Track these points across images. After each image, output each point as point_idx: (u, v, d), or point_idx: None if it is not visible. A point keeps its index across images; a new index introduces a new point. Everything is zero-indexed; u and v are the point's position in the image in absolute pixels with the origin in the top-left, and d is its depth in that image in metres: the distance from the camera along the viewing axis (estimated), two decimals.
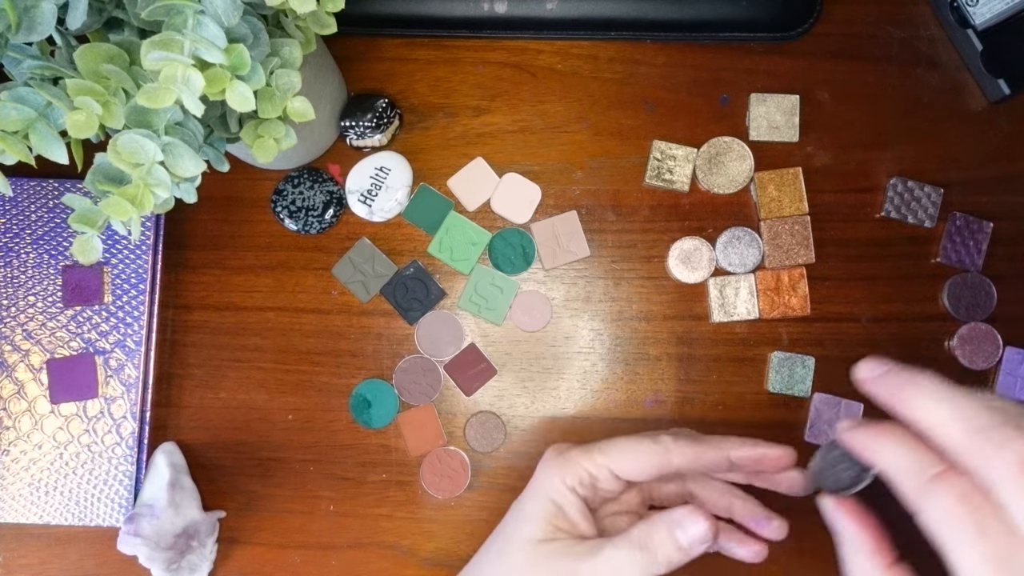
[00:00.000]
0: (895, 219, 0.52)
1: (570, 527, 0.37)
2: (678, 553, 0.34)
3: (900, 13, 0.53)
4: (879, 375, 0.31)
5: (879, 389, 0.31)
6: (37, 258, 0.51)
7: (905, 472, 0.29)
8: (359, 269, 0.52)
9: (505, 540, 0.38)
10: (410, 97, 0.53)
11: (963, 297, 0.51)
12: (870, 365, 0.32)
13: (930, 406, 0.29)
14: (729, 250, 0.51)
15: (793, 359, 0.51)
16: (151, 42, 0.30)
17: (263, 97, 0.36)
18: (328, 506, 0.52)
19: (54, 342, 0.51)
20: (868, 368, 0.32)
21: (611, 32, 0.52)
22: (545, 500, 0.37)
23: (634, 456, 0.37)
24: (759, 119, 0.52)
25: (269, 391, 0.52)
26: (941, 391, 0.29)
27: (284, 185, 0.52)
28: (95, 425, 0.50)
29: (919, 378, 0.30)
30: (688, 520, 0.34)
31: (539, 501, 0.38)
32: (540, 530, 0.37)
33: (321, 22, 0.38)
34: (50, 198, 0.51)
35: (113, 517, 0.50)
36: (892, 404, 0.30)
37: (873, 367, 0.32)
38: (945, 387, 0.29)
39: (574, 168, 0.52)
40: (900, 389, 0.30)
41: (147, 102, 0.30)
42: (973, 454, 0.27)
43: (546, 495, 0.37)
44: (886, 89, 0.52)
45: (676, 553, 0.34)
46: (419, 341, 0.52)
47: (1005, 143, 0.52)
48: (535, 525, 0.37)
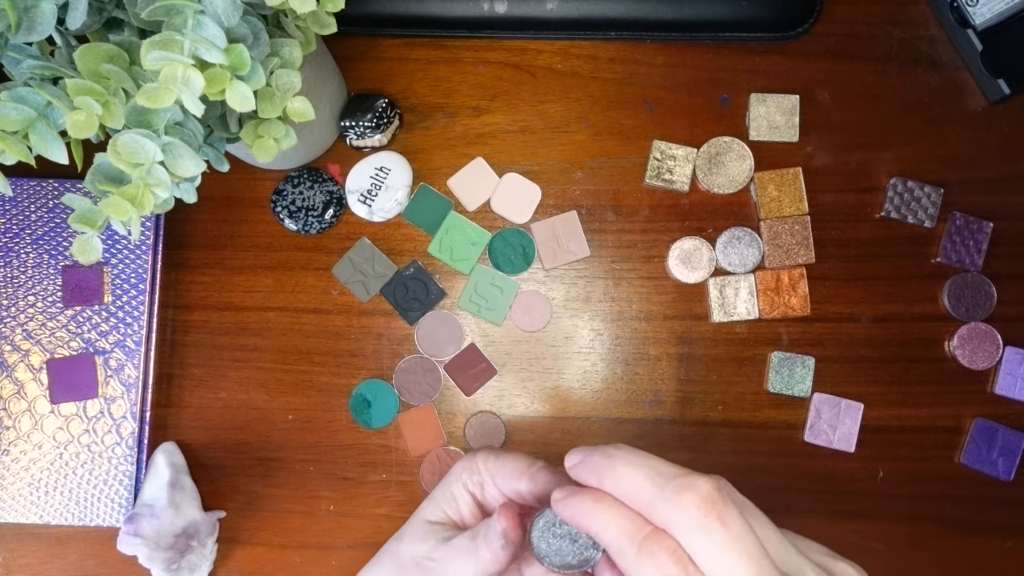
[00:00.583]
0: (895, 219, 0.52)
1: (458, 517, 0.39)
2: (487, 551, 0.35)
3: (900, 13, 0.53)
4: (578, 462, 0.31)
5: (583, 475, 0.31)
6: (37, 258, 0.51)
7: (618, 538, 0.29)
8: (359, 269, 0.52)
9: (414, 515, 0.41)
10: (410, 97, 0.53)
11: (963, 297, 0.51)
12: (570, 457, 0.32)
13: (623, 472, 0.29)
14: (729, 250, 0.52)
15: (793, 359, 0.51)
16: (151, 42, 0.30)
17: (263, 97, 0.36)
18: (328, 506, 0.52)
19: (54, 342, 0.51)
20: (569, 460, 0.32)
21: (611, 32, 0.52)
22: (446, 488, 0.39)
23: (509, 472, 0.37)
24: (759, 119, 0.52)
25: (269, 391, 0.52)
26: (631, 456, 0.30)
27: (284, 185, 0.52)
28: (95, 425, 0.50)
29: (611, 450, 0.30)
30: (497, 517, 0.34)
31: (442, 487, 0.40)
32: (433, 512, 0.39)
33: (321, 22, 0.38)
34: (50, 198, 0.51)
35: (113, 517, 0.50)
36: (599, 485, 0.30)
37: (571, 457, 0.32)
38: (636, 453, 0.30)
39: (574, 168, 0.52)
40: (598, 468, 0.30)
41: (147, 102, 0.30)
42: (662, 506, 0.28)
43: (448, 483, 0.39)
44: (886, 89, 0.52)
45: (486, 550, 0.35)
46: (419, 341, 0.52)
47: (1005, 143, 0.52)
48: (431, 507, 0.39)
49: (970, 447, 0.51)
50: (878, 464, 0.51)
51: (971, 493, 0.51)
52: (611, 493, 0.30)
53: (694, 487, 0.27)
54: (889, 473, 0.51)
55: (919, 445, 0.51)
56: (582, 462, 0.31)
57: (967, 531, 0.51)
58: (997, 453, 0.51)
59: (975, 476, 0.51)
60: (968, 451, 0.51)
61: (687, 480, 0.28)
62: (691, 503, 0.27)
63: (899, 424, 0.51)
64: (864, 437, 0.51)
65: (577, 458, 0.32)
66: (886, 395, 0.51)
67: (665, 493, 0.28)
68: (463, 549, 0.36)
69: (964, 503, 0.51)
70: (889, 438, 0.51)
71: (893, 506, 0.51)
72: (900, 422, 0.51)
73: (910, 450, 0.51)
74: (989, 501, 0.51)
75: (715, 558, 0.27)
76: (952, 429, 0.51)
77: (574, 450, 0.32)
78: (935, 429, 0.51)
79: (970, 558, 0.51)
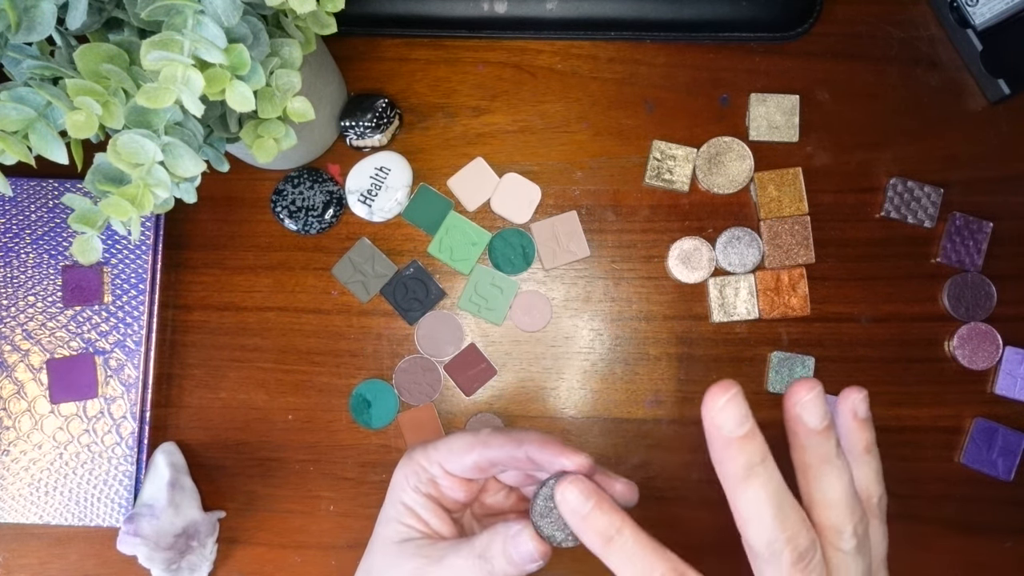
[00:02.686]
0: (895, 219, 0.52)
1: (423, 526, 0.36)
2: (511, 567, 0.33)
3: (900, 13, 0.53)
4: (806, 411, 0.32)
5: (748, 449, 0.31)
6: (37, 258, 0.51)
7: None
8: (359, 269, 0.52)
9: (372, 541, 0.38)
10: (410, 97, 0.53)
11: (963, 297, 0.51)
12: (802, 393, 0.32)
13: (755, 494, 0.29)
14: (729, 250, 0.51)
15: (793, 359, 0.51)
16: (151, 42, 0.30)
17: (263, 97, 0.36)
18: (328, 506, 0.52)
19: (54, 342, 0.51)
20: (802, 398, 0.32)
21: (611, 32, 0.52)
22: (396, 502, 0.37)
23: (456, 451, 0.36)
24: (759, 119, 0.52)
25: (269, 391, 0.52)
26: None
27: (284, 185, 0.52)
28: (95, 425, 0.50)
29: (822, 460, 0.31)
30: (520, 537, 0.33)
31: (391, 503, 0.37)
32: (395, 531, 0.36)
33: (321, 22, 0.38)
34: (50, 198, 0.51)
35: (113, 517, 0.50)
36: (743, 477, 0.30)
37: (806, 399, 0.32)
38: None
39: (574, 168, 0.52)
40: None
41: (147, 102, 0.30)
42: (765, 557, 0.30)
43: (396, 497, 0.37)
44: (886, 89, 0.52)
45: (510, 567, 0.33)
46: (419, 341, 0.52)
47: (1005, 143, 0.52)
48: (391, 527, 0.37)
49: (970, 447, 0.51)
50: None
51: (971, 493, 0.51)
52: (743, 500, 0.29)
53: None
54: (889, 473, 0.51)
55: (919, 445, 0.51)
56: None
57: (967, 531, 0.51)
58: (997, 453, 0.51)
59: (975, 476, 0.51)
60: (968, 451, 0.51)
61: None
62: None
63: (899, 424, 0.51)
64: None
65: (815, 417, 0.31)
66: (886, 395, 0.51)
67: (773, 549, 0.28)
68: (467, 568, 0.34)
69: (964, 503, 0.51)
70: (889, 438, 0.51)
71: (893, 506, 0.51)
72: (900, 422, 0.51)
73: (910, 450, 0.51)
74: (989, 501, 0.51)
75: None
76: (952, 429, 0.51)
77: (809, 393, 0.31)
78: (935, 429, 0.51)
79: (970, 558, 0.51)
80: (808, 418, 0.30)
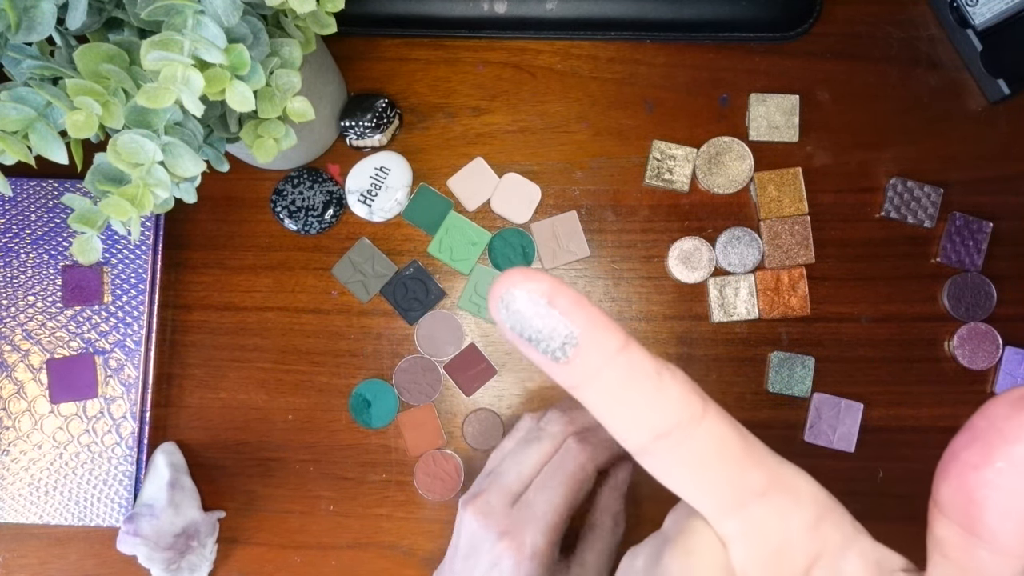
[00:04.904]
0: (895, 219, 0.52)
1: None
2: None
3: (900, 13, 0.53)
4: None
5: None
6: (37, 258, 0.51)
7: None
8: (359, 269, 0.52)
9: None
10: (410, 97, 0.53)
11: (963, 297, 0.51)
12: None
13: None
14: (729, 250, 0.51)
15: (793, 359, 0.51)
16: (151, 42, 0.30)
17: (263, 97, 0.36)
18: (328, 506, 0.52)
19: (54, 342, 0.51)
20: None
21: (611, 32, 0.52)
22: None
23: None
24: (759, 119, 0.52)
25: (269, 391, 0.52)
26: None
27: (284, 185, 0.52)
28: (95, 425, 0.50)
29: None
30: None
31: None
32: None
33: (321, 22, 0.38)
34: (50, 198, 0.51)
35: (113, 517, 0.50)
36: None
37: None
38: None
39: (574, 168, 0.52)
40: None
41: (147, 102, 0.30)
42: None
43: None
44: (886, 89, 0.52)
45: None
46: (419, 341, 0.52)
47: (1005, 143, 0.52)
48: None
49: None
50: (878, 464, 0.51)
51: None
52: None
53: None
54: (889, 473, 0.51)
55: (919, 445, 0.51)
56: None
57: None
58: None
59: None
60: None
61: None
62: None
63: (899, 424, 0.51)
64: (864, 437, 0.51)
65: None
66: (886, 395, 0.51)
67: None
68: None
69: None
70: (889, 438, 0.51)
71: (893, 506, 0.51)
72: (900, 422, 0.51)
73: (910, 450, 0.51)
74: None
75: None
76: (952, 429, 0.51)
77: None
78: (935, 429, 0.51)
79: None
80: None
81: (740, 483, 0.20)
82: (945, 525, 0.19)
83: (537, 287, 0.18)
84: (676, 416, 0.19)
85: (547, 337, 0.18)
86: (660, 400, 0.19)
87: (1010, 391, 0.18)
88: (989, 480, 0.18)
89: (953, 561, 0.19)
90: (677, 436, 0.19)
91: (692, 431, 0.19)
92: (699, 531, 0.21)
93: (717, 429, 0.19)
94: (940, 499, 0.19)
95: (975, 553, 0.19)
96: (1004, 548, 0.18)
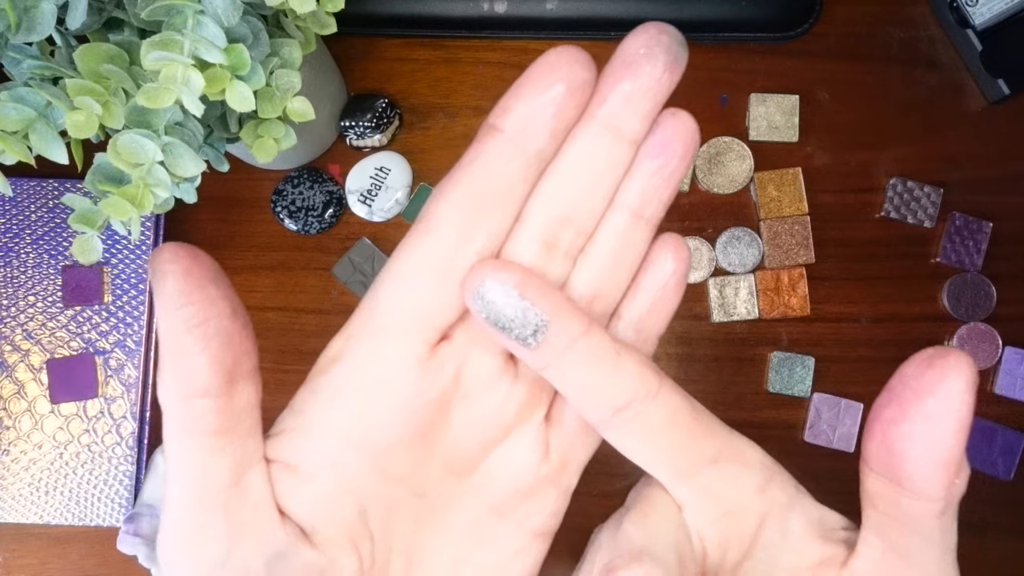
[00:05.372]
0: (895, 219, 0.52)
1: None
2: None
3: (900, 13, 0.53)
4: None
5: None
6: (37, 258, 0.51)
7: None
8: (359, 269, 0.52)
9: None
10: (410, 97, 0.53)
11: (963, 297, 0.51)
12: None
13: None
14: (729, 250, 0.52)
15: (793, 359, 0.51)
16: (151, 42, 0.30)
17: (263, 97, 0.36)
18: None
19: (54, 342, 0.51)
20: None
21: (611, 32, 0.52)
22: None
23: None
24: (759, 119, 0.52)
25: (269, 391, 0.52)
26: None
27: (284, 185, 0.52)
28: (95, 425, 0.50)
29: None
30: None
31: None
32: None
33: (321, 22, 0.38)
34: (50, 198, 0.51)
35: (113, 517, 0.50)
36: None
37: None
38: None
39: None
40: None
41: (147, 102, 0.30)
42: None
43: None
44: (886, 89, 0.52)
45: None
46: None
47: (1004, 143, 0.52)
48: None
49: (970, 447, 0.51)
50: None
51: (971, 493, 0.51)
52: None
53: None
54: None
55: None
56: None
57: (967, 531, 0.51)
58: (997, 453, 0.51)
59: (975, 476, 0.51)
60: (968, 451, 0.51)
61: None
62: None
63: None
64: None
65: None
66: None
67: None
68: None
69: (964, 503, 0.51)
70: None
71: None
72: None
73: None
74: (989, 501, 0.51)
75: None
76: None
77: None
78: None
79: (970, 558, 0.51)
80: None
81: (693, 451, 0.21)
82: (873, 479, 0.21)
83: (508, 277, 0.20)
84: (633, 391, 0.21)
85: (519, 325, 0.20)
86: (618, 377, 0.20)
87: (920, 352, 0.21)
88: (906, 432, 0.20)
89: (882, 512, 0.21)
90: (634, 409, 0.21)
91: (647, 405, 0.21)
92: (655, 498, 0.22)
93: (670, 402, 0.21)
94: (867, 455, 0.21)
95: (900, 502, 0.21)
96: (924, 493, 0.21)
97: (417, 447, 0.22)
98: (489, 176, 0.20)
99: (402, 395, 0.21)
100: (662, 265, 0.23)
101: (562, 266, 0.21)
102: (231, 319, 0.20)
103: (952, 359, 0.20)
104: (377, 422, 0.21)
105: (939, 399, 0.20)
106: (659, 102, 0.21)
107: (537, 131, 0.20)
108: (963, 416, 0.20)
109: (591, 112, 0.21)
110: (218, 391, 0.21)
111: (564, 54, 0.20)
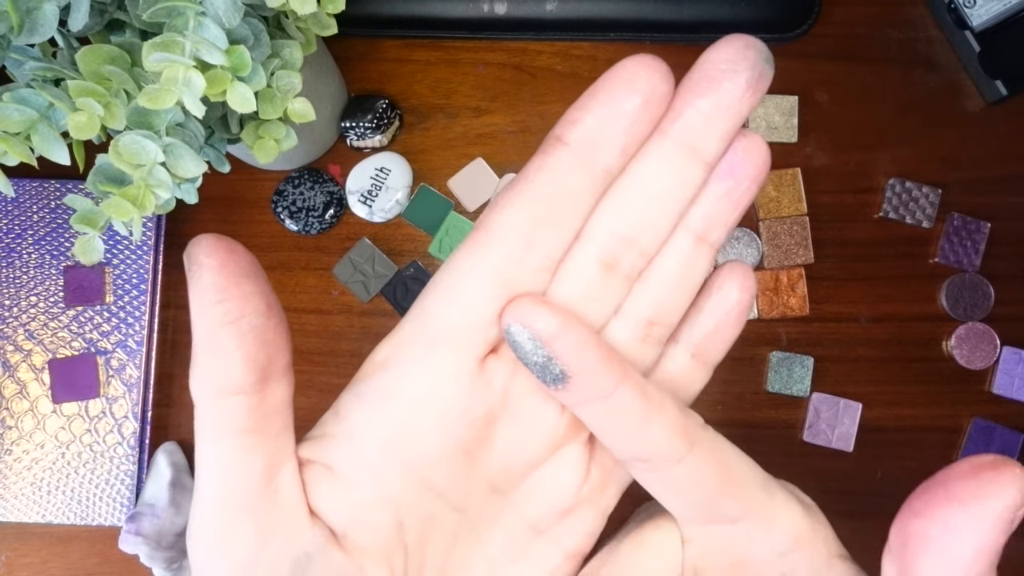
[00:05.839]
0: (893, 219, 0.52)
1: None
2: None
3: (898, 15, 0.53)
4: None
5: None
6: (39, 258, 0.51)
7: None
8: (359, 269, 0.52)
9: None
10: (410, 98, 0.53)
11: (961, 297, 0.51)
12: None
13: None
14: (728, 250, 0.52)
15: (792, 359, 0.51)
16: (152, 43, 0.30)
17: (264, 98, 0.36)
18: None
19: (56, 342, 0.51)
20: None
21: (611, 33, 0.52)
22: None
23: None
24: (758, 119, 0.52)
25: None
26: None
27: (284, 186, 0.52)
28: (97, 425, 0.50)
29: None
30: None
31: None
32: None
33: (321, 23, 0.39)
34: (52, 199, 0.52)
35: (115, 516, 0.50)
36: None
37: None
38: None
39: None
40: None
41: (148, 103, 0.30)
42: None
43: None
44: (884, 90, 0.53)
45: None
46: None
47: (1003, 144, 0.52)
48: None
49: (968, 446, 0.51)
50: (877, 464, 0.51)
51: None
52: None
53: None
54: (888, 473, 0.52)
55: (917, 445, 0.52)
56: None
57: None
58: (995, 452, 0.51)
59: None
60: (966, 450, 0.51)
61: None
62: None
63: (897, 424, 0.52)
64: (862, 437, 0.51)
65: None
66: (884, 395, 0.51)
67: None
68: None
69: None
70: (887, 438, 0.51)
71: (892, 506, 0.51)
72: (898, 422, 0.52)
73: (908, 450, 0.52)
74: None
75: None
76: (950, 429, 0.52)
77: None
78: (933, 429, 0.52)
79: None
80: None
81: (713, 512, 0.21)
82: (888, 563, 0.20)
83: (543, 329, 0.19)
84: (657, 452, 0.20)
85: (543, 369, 0.19)
86: (643, 437, 0.20)
87: (979, 456, 0.18)
88: (924, 531, 0.18)
89: None
90: (655, 465, 0.20)
91: (671, 466, 0.20)
92: (658, 527, 0.22)
93: (698, 468, 0.20)
94: (890, 535, 0.20)
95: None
96: None
97: (460, 462, 0.21)
98: (553, 190, 0.19)
99: (449, 409, 0.20)
100: (727, 293, 0.22)
101: (619, 289, 0.20)
102: (266, 316, 0.20)
103: (1004, 473, 0.17)
104: (422, 434, 0.21)
105: (971, 513, 0.17)
106: (738, 122, 0.19)
107: (607, 146, 0.19)
108: (990, 541, 0.17)
109: (664, 128, 0.19)
110: (251, 389, 0.20)
111: (643, 64, 0.19)
